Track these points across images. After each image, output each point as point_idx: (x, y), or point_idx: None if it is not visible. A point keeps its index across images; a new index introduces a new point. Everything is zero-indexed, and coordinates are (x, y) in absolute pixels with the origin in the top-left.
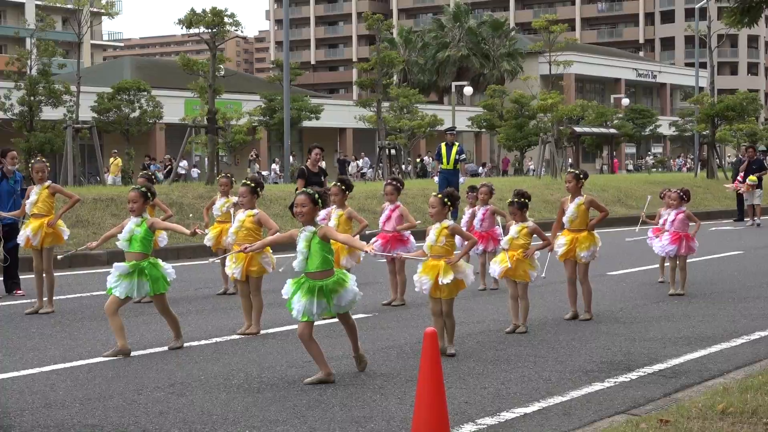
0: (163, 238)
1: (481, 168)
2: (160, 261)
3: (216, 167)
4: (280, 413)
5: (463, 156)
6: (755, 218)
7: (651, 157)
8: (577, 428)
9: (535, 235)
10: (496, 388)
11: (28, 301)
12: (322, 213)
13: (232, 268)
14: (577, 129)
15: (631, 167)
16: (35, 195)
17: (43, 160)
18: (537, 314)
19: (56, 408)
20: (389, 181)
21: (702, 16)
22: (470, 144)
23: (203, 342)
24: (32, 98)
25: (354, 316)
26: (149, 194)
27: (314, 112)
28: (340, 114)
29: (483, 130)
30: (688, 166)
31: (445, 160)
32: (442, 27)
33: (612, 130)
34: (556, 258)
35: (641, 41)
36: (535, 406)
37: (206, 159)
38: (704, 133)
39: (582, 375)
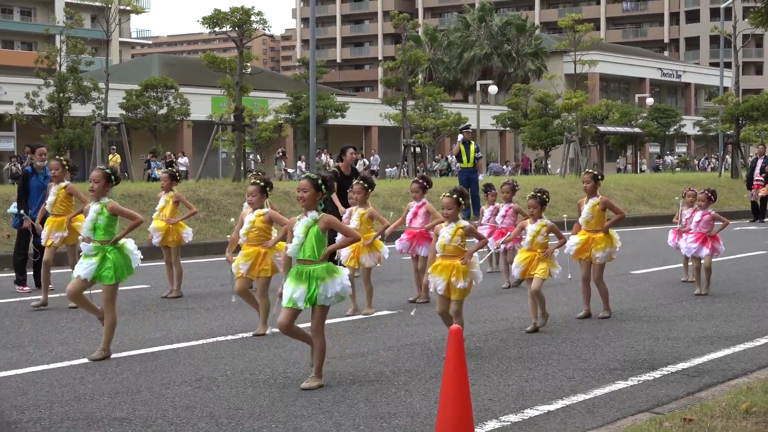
0: (188, 234)
1: (504, 166)
2: (128, 243)
3: (243, 164)
4: (306, 408)
5: (479, 154)
6: None
7: (673, 156)
8: (600, 426)
9: (552, 234)
10: (519, 386)
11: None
12: (346, 212)
13: (239, 263)
14: (602, 128)
15: (645, 168)
16: (53, 196)
17: (60, 158)
18: (561, 312)
19: (85, 401)
20: (416, 179)
21: (727, 15)
22: (494, 142)
23: (229, 338)
24: (61, 95)
25: (379, 313)
26: (113, 177)
27: (340, 110)
28: (365, 112)
29: (507, 128)
30: (712, 165)
31: (465, 158)
32: (468, 26)
33: (636, 130)
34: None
35: (666, 41)
36: (558, 404)
37: (233, 156)
38: (729, 132)
39: (605, 373)
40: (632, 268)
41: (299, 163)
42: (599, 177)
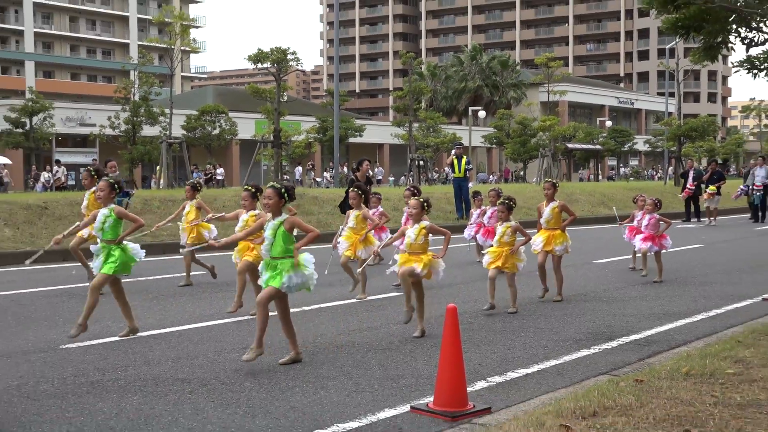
0: (210, 233)
1: (491, 176)
2: (130, 245)
3: (280, 174)
4: (330, 371)
5: (470, 166)
6: (712, 219)
7: (627, 168)
8: (568, 386)
9: (518, 233)
10: (503, 353)
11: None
12: (352, 214)
13: (235, 256)
14: (570, 145)
15: (601, 177)
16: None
17: (108, 176)
18: (537, 293)
19: (153, 365)
20: (409, 187)
21: (671, 54)
22: (483, 157)
23: (269, 314)
24: (135, 119)
25: (387, 294)
26: (116, 186)
27: (358, 131)
28: (378, 132)
29: (494, 145)
30: (659, 175)
31: (457, 169)
32: (462, 63)
33: (598, 146)
34: (531, 251)
35: (622, 75)
36: (534, 368)
37: (272, 167)
38: (672, 149)
39: (572, 343)
40: (594, 258)
41: (325, 173)
42: (557, 185)
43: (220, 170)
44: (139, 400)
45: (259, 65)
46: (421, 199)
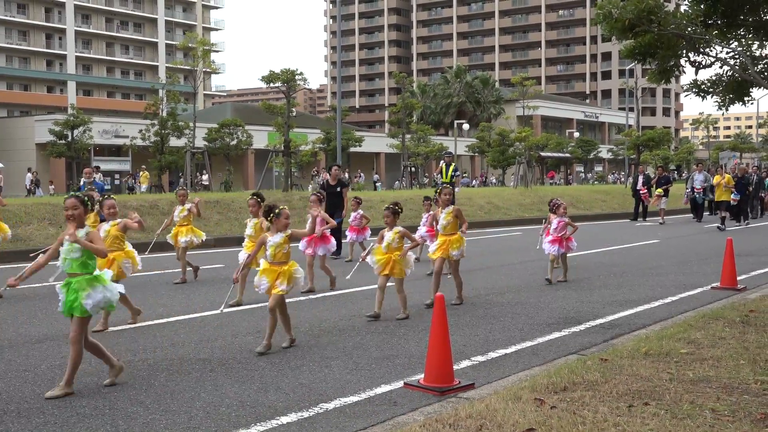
0: (195, 237)
1: (474, 181)
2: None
3: (290, 180)
4: (334, 352)
5: (458, 173)
6: (660, 219)
7: (592, 174)
8: (542, 364)
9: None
10: (485, 336)
11: (170, 271)
12: (250, 222)
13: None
14: (542, 153)
15: (556, 181)
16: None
17: (112, 196)
18: (515, 283)
19: (178, 347)
20: (355, 198)
21: (631, 75)
22: (467, 164)
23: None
24: (163, 131)
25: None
26: (87, 202)
27: (358, 141)
28: (376, 143)
29: (476, 154)
30: (621, 179)
31: (444, 175)
32: (448, 82)
33: (567, 155)
34: (427, 254)
35: (588, 92)
36: (512, 349)
37: (283, 174)
38: (632, 157)
39: (546, 327)
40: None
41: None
42: (454, 190)
43: (205, 177)
44: (165, 377)
45: (271, 84)
46: (393, 206)
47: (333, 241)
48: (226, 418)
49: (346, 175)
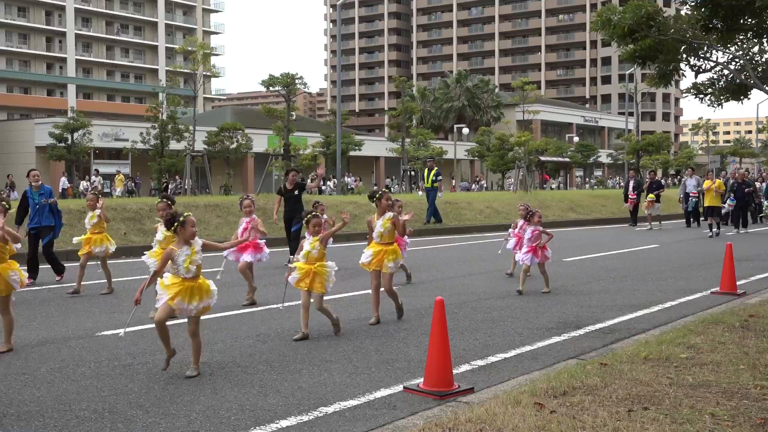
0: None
1: (473, 185)
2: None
3: None
4: (333, 355)
5: (440, 177)
6: (653, 224)
7: (592, 178)
8: (542, 368)
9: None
10: (484, 340)
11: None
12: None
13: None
14: (542, 158)
15: (555, 186)
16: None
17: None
18: (514, 287)
19: (177, 350)
20: (315, 203)
21: (630, 79)
22: (467, 168)
23: (279, 305)
24: (163, 135)
25: (382, 288)
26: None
27: (358, 145)
28: (375, 147)
29: (476, 158)
30: (620, 184)
31: (426, 179)
32: (448, 86)
33: (566, 159)
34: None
35: (587, 97)
36: (512, 353)
37: (283, 177)
38: (631, 161)
39: (545, 331)
40: (564, 256)
41: (329, 182)
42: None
43: (188, 181)
44: (165, 381)
45: (271, 88)
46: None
47: (265, 251)
48: (225, 422)
49: (346, 179)
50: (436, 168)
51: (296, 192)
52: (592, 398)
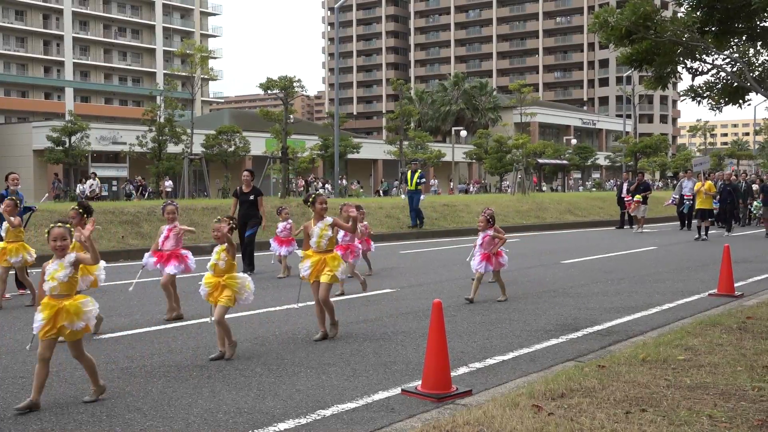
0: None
1: (471, 187)
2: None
3: (287, 186)
4: (331, 358)
5: (423, 180)
6: (638, 226)
7: (590, 181)
8: (539, 371)
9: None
10: (482, 343)
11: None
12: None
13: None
14: (540, 160)
15: (545, 188)
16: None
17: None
18: (512, 290)
19: (175, 353)
20: (279, 207)
21: (628, 81)
22: (465, 170)
23: (277, 308)
24: (160, 138)
25: (381, 291)
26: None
27: (356, 148)
28: (373, 149)
29: (474, 160)
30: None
31: (409, 182)
32: (446, 89)
33: (564, 161)
34: (346, 274)
35: (585, 99)
36: (510, 355)
37: (280, 180)
38: (629, 163)
39: (543, 333)
40: (562, 259)
41: (326, 185)
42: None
43: (168, 182)
44: (163, 384)
45: (269, 91)
46: (228, 219)
47: (190, 260)
48: (223, 425)
49: (344, 182)
50: (420, 171)
51: (251, 197)
52: (589, 400)
